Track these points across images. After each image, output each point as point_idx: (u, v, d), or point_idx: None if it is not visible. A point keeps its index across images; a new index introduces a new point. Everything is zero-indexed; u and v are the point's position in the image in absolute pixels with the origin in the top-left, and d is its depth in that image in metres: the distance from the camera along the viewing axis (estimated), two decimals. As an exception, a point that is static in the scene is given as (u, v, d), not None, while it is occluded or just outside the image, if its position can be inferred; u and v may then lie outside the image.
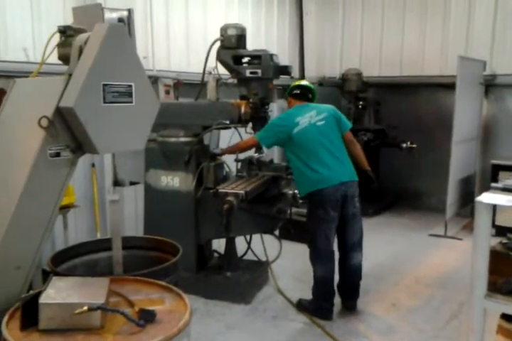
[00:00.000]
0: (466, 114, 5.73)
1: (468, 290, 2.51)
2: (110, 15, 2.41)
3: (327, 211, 3.48)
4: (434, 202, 6.78)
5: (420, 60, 6.78)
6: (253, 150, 4.06)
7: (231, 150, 3.93)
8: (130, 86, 1.98)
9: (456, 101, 5.40)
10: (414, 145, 6.36)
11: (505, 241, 2.76)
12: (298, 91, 3.79)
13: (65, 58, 2.09)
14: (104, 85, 1.89)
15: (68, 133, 1.91)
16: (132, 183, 4.70)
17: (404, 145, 6.36)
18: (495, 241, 2.70)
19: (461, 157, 5.80)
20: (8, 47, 3.90)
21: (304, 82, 3.96)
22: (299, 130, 3.53)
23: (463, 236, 5.66)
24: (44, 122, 1.84)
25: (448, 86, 5.93)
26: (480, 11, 6.25)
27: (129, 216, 4.90)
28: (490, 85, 6.25)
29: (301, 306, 3.74)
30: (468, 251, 2.54)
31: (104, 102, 1.89)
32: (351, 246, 3.67)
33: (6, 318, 1.69)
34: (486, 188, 2.69)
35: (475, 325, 2.49)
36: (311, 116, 3.60)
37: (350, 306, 3.74)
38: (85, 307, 1.61)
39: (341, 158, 3.59)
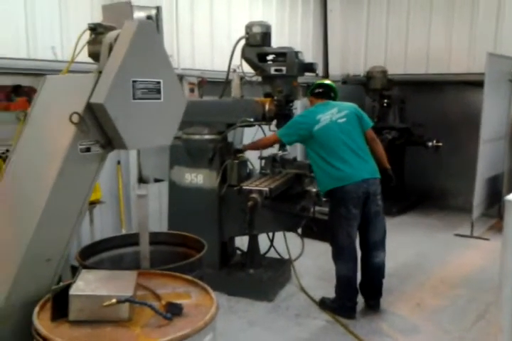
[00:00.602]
0: (494, 112, 5.61)
1: (495, 290, 2.47)
2: (139, 13, 2.44)
3: (349, 208, 3.45)
4: (460, 201, 6.66)
5: (447, 57, 6.66)
6: (276, 147, 4.06)
7: (253, 146, 3.95)
8: (159, 82, 2.00)
9: (484, 99, 5.29)
10: (440, 144, 6.25)
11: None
12: (320, 90, 3.78)
13: (95, 55, 2.12)
14: (134, 82, 1.91)
15: (98, 129, 1.94)
16: (157, 180, 4.76)
17: (430, 143, 6.27)
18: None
19: (489, 156, 5.68)
20: (36, 46, 3.98)
21: (325, 81, 3.94)
22: (320, 127, 3.51)
23: (489, 237, 5.55)
24: (75, 118, 1.87)
25: (475, 83, 5.81)
26: (510, 5, 6.10)
27: (153, 213, 4.95)
28: (520, 83, 6.10)
29: (324, 305, 3.73)
30: (495, 252, 2.50)
31: (134, 99, 1.91)
32: (374, 245, 3.64)
33: (37, 309, 1.73)
34: (515, 188, 2.63)
35: (503, 326, 2.44)
36: (333, 113, 3.58)
37: (373, 305, 3.71)
38: (114, 300, 1.64)
39: (363, 155, 3.56)
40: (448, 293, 4.08)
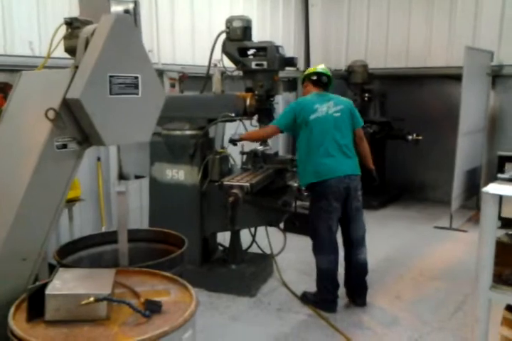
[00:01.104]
0: (472, 105, 5.69)
1: (473, 281, 2.51)
2: (116, 7, 2.40)
3: (330, 202, 3.49)
4: (439, 194, 6.78)
5: (426, 52, 6.73)
6: (258, 142, 4.05)
7: (251, 136, 3.84)
8: (136, 77, 1.97)
9: (463, 92, 5.36)
10: (420, 137, 6.32)
11: (511, 232, 2.75)
12: (316, 78, 3.74)
13: (71, 50, 2.08)
14: (111, 77, 1.88)
15: (75, 125, 1.91)
16: (137, 177, 4.72)
17: (410, 137, 6.33)
18: (501, 233, 2.70)
19: (468, 149, 5.77)
20: (13, 41, 3.89)
21: (321, 67, 3.86)
22: (316, 117, 3.53)
23: (468, 228, 5.66)
24: (51, 114, 1.83)
25: (454, 77, 5.89)
26: (487, 0, 6.17)
27: (134, 209, 4.92)
28: (497, 76, 6.20)
29: (305, 299, 3.76)
30: (474, 243, 2.54)
31: (111, 94, 1.88)
32: (357, 242, 3.68)
33: (12, 310, 1.70)
34: (491, 180, 2.68)
35: (480, 316, 2.49)
36: (329, 106, 3.60)
37: (360, 303, 3.72)
38: (91, 298, 1.62)
39: (347, 151, 3.59)
40: (427, 284, 4.15)
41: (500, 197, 2.42)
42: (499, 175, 2.63)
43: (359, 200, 3.63)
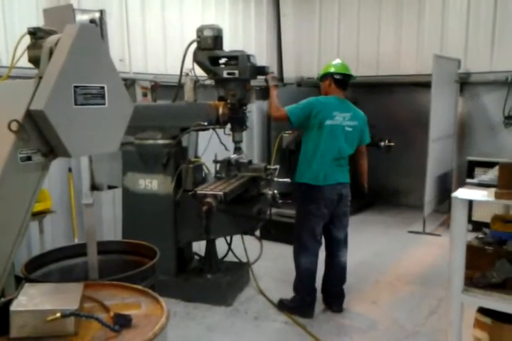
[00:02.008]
0: (442, 111, 5.82)
1: (446, 285, 2.55)
2: (82, 17, 2.38)
3: (319, 207, 3.56)
4: (412, 199, 6.88)
5: (396, 60, 6.87)
6: (231, 151, 4.05)
7: (272, 106, 3.72)
8: (102, 87, 1.94)
9: (432, 99, 5.48)
10: (392, 144, 6.41)
11: (481, 235, 2.81)
12: (341, 78, 3.68)
13: (35, 60, 2.04)
14: (76, 87, 1.85)
15: (39, 137, 1.86)
16: (110, 187, 4.64)
17: (382, 143, 6.41)
18: (472, 237, 2.75)
19: (438, 154, 5.88)
20: (-21, 51, 3.82)
21: (339, 63, 3.80)
22: (332, 124, 3.55)
23: (441, 232, 5.75)
24: (14, 126, 1.79)
25: (424, 85, 6.01)
26: (454, 10, 6.36)
27: (108, 220, 4.85)
28: (465, 83, 6.36)
29: (282, 306, 3.76)
30: (447, 247, 2.58)
31: (76, 104, 1.85)
32: (339, 242, 3.75)
33: (-24, 327, 1.65)
34: (462, 184, 2.74)
35: (453, 320, 2.53)
36: (345, 117, 3.61)
37: (337, 310, 3.74)
38: (58, 314, 1.57)
39: (343, 162, 3.69)
40: (403, 289, 4.19)
41: (471, 202, 2.48)
42: (468, 180, 2.69)
43: (347, 205, 3.77)
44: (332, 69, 3.75)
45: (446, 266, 2.63)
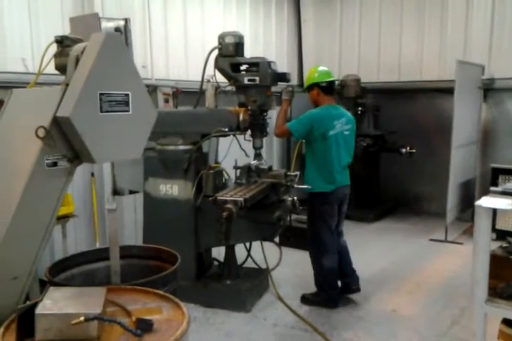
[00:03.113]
0: (465, 118, 5.74)
1: (469, 295, 2.50)
2: (107, 25, 2.43)
3: (333, 206, 3.86)
4: (434, 206, 6.78)
5: (418, 66, 6.80)
6: (251, 157, 4.06)
7: (278, 123, 3.93)
8: (127, 95, 1.98)
9: (455, 105, 5.41)
10: (414, 150, 6.35)
11: (505, 245, 2.76)
12: (327, 85, 3.88)
13: (61, 68, 2.10)
14: (101, 94, 1.89)
15: (65, 143, 1.91)
16: (131, 192, 4.71)
17: (403, 150, 6.36)
18: (496, 246, 2.70)
19: (461, 161, 5.80)
20: (6, 58, 3.92)
21: (323, 70, 3.98)
22: (334, 134, 3.78)
23: (464, 241, 5.65)
24: (41, 132, 1.84)
25: (446, 91, 5.94)
26: (478, 15, 6.27)
27: (129, 225, 4.90)
28: (488, 89, 6.26)
29: (306, 300, 3.90)
30: (469, 256, 2.53)
31: (101, 111, 1.89)
32: (340, 234, 4.07)
33: (1, 330, 1.68)
34: (486, 192, 2.69)
35: (476, 330, 2.48)
36: (342, 122, 3.85)
37: (356, 289, 4.01)
38: (82, 318, 1.60)
39: (344, 165, 3.95)
40: (423, 298, 4.12)
41: (494, 210, 2.43)
42: (492, 188, 2.64)
43: (347, 203, 4.11)
44: (316, 79, 3.90)
45: (468, 275, 2.58)
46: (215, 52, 3.91)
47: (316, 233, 3.85)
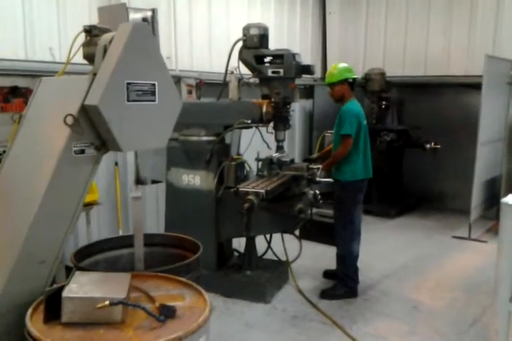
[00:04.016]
0: (492, 114, 5.61)
1: (492, 293, 2.47)
2: (134, 15, 2.44)
3: (361, 195, 4.04)
4: (458, 203, 6.66)
5: (445, 60, 6.67)
6: (273, 149, 4.06)
7: (338, 159, 3.95)
8: (153, 85, 2.00)
9: (482, 101, 5.29)
10: (438, 146, 6.25)
11: (531, 243, 2.70)
12: (352, 81, 4.01)
13: (90, 57, 2.12)
14: (128, 84, 1.91)
15: (93, 131, 1.94)
16: (154, 182, 4.76)
17: (427, 145, 6.27)
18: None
19: (487, 158, 5.68)
20: (34, 48, 3.98)
21: (345, 66, 4.05)
22: (363, 125, 3.97)
23: (487, 239, 5.56)
24: (69, 120, 1.87)
25: (473, 86, 5.82)
26: (509, 8, 6.10)
27: (151, 214, 4.96)
28: (517, 85, 6.11)
29: (326, 295, 3.92)
30: (493, 254, 2.50)
31: (128, 100, 1.91)
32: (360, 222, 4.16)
33: (29, 311, 1.73)
34: (512, 190, 2.64)
35: (499, 328, 2.45)
36: (363, 115, 4.03)
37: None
38: (107, 302, 1.64)
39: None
40: (445, 295, 4.07)
41: (520, 207, 2.39)
42: (519, 185, 2.59)
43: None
44: (349, 75, 4.01)
45: (491, 273, 2.55)
46: (240, 44, 3.91)
47: (349, 219, 3.97)
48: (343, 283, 3.98)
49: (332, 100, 4.13)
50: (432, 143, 6.26)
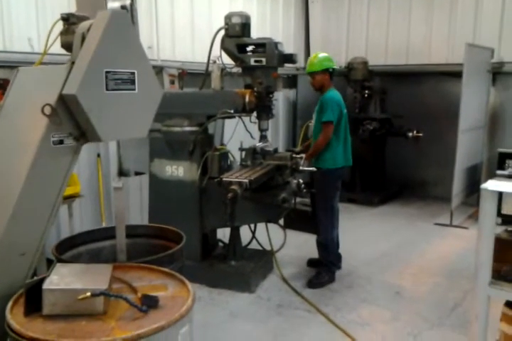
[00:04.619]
0: (472, 102, 5.68)
1: (472, 278, 2.51)
2: (113, 3, 2.39)
3: (340, 182, 4.15)
4: (440, 191, 6.76)
5: (427, 49, 6.71)
6: (257, 139, 4.05)
7: (319, 148, 4.01)
8: (133, 73, 1.97)
9: (463, 89, 5.35)
10: (421, 134, 6.31)
11: (510, 228, 2.75)
12: (332, 70, 4.10)
13: (67, 46, 2.08)
14: (107, 72, 1.88)
15: (71, 121, 1.91)
16: (137, 173, 4.72)
17: (410, 134, 6.32)
18: (500, 230, 2.70)
19: (468, 146, 5.76)
20: (12, 38, 3.89)
21: (324, 56, 4.14)
22: (344, 113, 4.04)
23: (469, 225, 5.65)
24: (47, 110, 1.83)
25: (455, 74, 5.87)
26: (488, -3, 6.15)
27: (134, 206, 4.93)
28: (497, 73, 6.19)
29: (313, 284, 3.97)
30: (474, 240, 2.53)
31: (107, 89, 1.88)
32: (338, 211, 4.26)
33: (10, 304, 1.71)
34: (492, 177, 2.68)
35: (479, 313, 2.49)
36: (343, 104, 4.09)
37: (339, 267, 4.27)
38: (88, 293, 1.62)
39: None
40: (427, 281, 4.15)
41: (500, 194, 2.42)
42: (498, 172, 2.64)
43: None
44: (329, 64, 4.10)
45: (472, 259, 2.58)
46: (222, 33, 3.87)
47: (330, 206, 4.07)
48: (327, 268, 4.06)
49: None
50: (414, 132, 6.32)
